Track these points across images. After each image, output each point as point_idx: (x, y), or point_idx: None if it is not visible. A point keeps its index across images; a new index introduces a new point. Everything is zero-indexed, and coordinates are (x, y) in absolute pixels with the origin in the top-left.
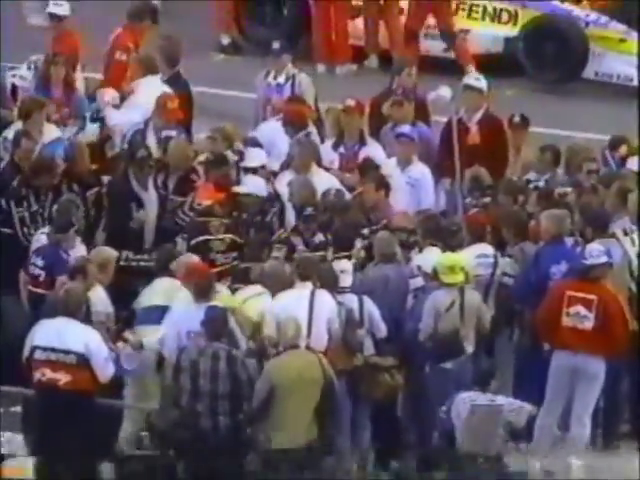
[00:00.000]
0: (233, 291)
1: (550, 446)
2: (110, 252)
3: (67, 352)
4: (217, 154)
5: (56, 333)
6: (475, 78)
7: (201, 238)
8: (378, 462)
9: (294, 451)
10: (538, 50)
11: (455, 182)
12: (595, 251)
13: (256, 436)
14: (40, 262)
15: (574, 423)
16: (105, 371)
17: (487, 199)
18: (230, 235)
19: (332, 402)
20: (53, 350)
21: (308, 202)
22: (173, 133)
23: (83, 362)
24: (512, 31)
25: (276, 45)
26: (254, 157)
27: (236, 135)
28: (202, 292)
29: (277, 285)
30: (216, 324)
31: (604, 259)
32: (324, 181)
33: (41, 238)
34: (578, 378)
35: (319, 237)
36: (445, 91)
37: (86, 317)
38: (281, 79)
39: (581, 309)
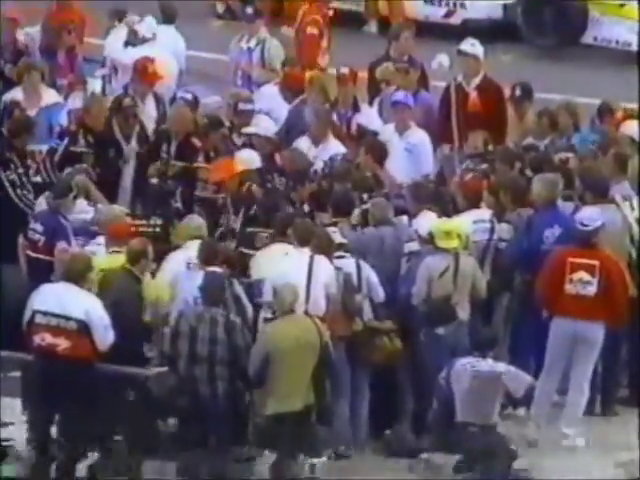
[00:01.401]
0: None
1: (549, 412)
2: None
3: (67, 318)
4: (212, 117)
5: (57, 298)
6: (470, 44)
7: None
8: (373, 430)
9: (290, 415)
10: (537, 16)
11: (454, 147)
12: (592, 215)
13: (253, 402)
14: (39, 227)
15: (573, 389)
16: (105, 339)
17: (485, 165)
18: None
19: (329, 367)
20: (54, 315)
21: (300, 171)
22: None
23: (83, 329)
24: None
25: (249, 10)
26: (262, 125)
27: None
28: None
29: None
30: (214, 289)
31: (600, 222)
32: (336, 149)
33: (42, 203)
34: (578, 344)
35: (306, 206)
36: (444, 59)
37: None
38: (252, 43)
39: (584, 275)
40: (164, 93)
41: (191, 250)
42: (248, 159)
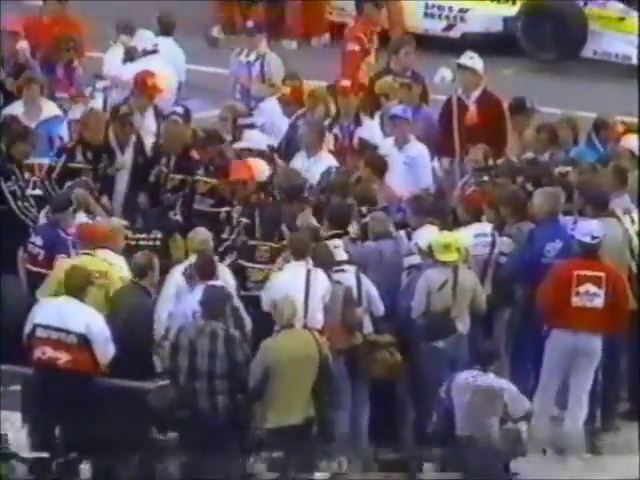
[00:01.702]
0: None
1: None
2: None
3: (68, 332)
4: (210, 130)
5: (58, 312)
6: (470, 57)
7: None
8: (374, 443)
9: (291, 429)
10: (537, 29)
11: (454, 161)
12: (592, 227)
13: (254, 415)
14: (39, 241)
15: (573, 402)
16: (105, 352)
17: (486, 178)
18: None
19: (329, 380)
20: (54, 329)
21: (295, 188)
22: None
23: (84, 343)
24: (511, 10)
25: (250, 24)
26: (252, 139)
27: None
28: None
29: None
30: (214, 303)
31: (602, 233)
32: (328, 162)
33: (43, 217)
34: (578, 357)
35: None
36: (447, 73)
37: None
38: (251, 57)
39: (591, 287)
40: (164, 107)
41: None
42: (261, 168)
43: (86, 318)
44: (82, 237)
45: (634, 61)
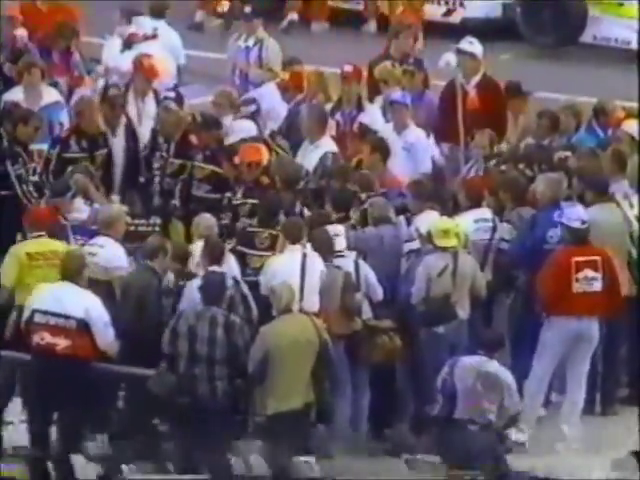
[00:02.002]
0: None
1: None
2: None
3: (67, 317)
4: (207, 116)
5: (56, 297)
6: (469, 42)
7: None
8: (373, 429)
9: (290, 414)
10: (536, 14)
11: (456, 146)
12: (580, 212)
13: (254, 401)
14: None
15: (573, 387)
16: (105, 337)
17: (492, 162)
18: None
19: (328, 364)
20: (53, 314)
21: (291, 177)
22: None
23: (83, 327)
24: None
25: (248, 9)
26: (241, 130)
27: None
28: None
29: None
30: (214, 289)
31: (588, 217)
32: (328, 148)
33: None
34: (579, 342)
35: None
36: (451, 57)
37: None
38: (250, 42)
39: (589, 272)
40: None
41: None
42: (265, 153)
43: (85, 302)
44: (31, 221)
45: (634, 46)
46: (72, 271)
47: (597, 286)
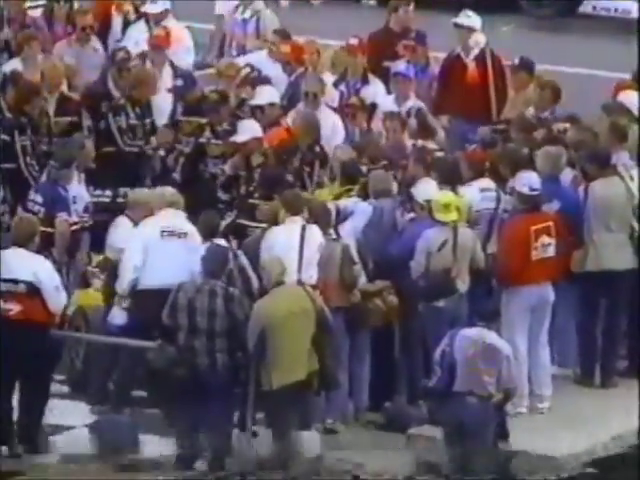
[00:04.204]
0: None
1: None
2: None
3: (16, 281)
4: (221, 92)
5: (5, 263)
6: (467, 16)
7: None
8: (372, 403)
9: (295, 385)
10: None
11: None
12: (532, 179)
13: (259, 376)
14: (39, 198)
15: (541, 350)
16: (57, 300)
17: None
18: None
19: (327, 330)
20: (3, 280)
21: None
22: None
23: (33, 291)
24: None
25: None
26: (264, 94)
27: None
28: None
29: None
30: (216, 262)
31: (539, 185)
32: (328, 119)
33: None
34: (539, 308)
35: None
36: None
37: None
38: (247, 14)
39: (545, 238)
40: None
41: (164, 219)
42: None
43: (34, 266)
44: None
45: (634, 15)
46: (23, 236)
47: (551, 251)
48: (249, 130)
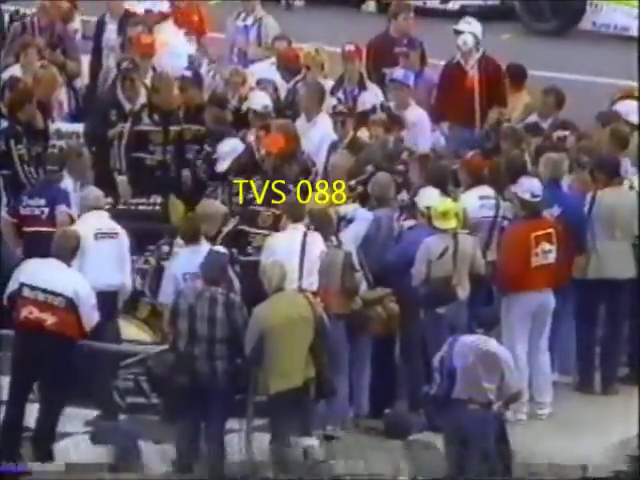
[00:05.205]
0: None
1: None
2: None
3: (56, 294)
4: (220, 94)
5: (47, 274)
6: (467, 22)
7: None
8: (372, 409)
9: (291, 392)
10: (535, 0)
11: (455, 126)
12: (534, 185)
13: (256, 382)
14: (41, 200)
15: (541, 357)
16: (90, 318)
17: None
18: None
19: (325, 338)
20: (43, 290)
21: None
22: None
23: (71, 307)
24: None
25: None
26: (259, 99)
27: None
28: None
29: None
30: (215, 268)
31: (541, 191)
32: (327, 124)
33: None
34: (540, 314)
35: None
36: (468, 38)
37: None
38: (248, 21)
39: (546, 245)
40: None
41: (96, 220)
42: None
43: (75, 283)
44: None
45: (633, 33)
46: (65, 251)
47: (552, 258)
48: (232, 153)
